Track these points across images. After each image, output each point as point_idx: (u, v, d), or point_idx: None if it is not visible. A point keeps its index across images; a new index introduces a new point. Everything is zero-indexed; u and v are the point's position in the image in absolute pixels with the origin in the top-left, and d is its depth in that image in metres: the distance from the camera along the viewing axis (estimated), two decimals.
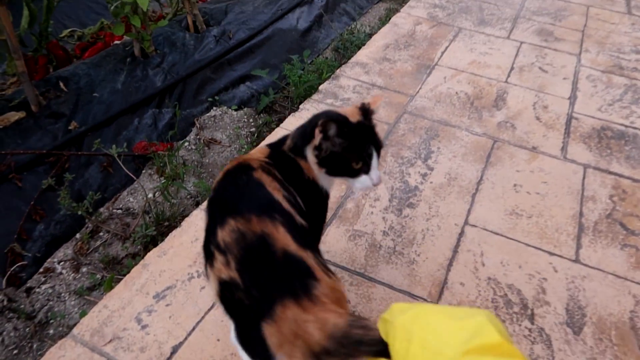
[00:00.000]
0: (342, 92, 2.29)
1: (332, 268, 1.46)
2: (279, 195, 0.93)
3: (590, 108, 2.32)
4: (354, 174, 1.01)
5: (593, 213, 1.75)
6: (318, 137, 0.98)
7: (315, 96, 2.25)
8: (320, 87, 2.32)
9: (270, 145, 1.12)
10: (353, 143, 0.99)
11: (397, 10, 3.15)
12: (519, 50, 2.76)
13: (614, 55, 2.78)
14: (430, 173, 1.87)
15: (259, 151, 1.09)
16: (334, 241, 1.56)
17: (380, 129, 2.05)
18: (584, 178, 1.90)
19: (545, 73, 2.56)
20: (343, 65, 2.51)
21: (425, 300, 1.41)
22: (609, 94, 2.43)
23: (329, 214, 1.66)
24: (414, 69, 2.52)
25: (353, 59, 2.57)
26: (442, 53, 2.67)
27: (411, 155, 1.95)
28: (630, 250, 1.62)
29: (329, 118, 0.96)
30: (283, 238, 0.84)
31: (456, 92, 2.35)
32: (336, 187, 1.77)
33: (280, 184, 0.96)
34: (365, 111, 1.05)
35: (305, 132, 1.03)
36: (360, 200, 1.72)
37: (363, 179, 1.02)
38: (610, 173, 1.94)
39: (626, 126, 2.21)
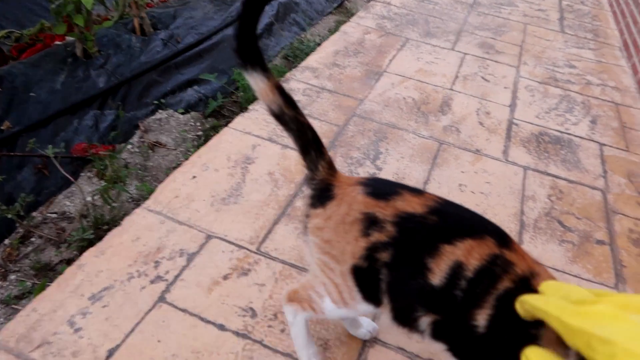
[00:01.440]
0: (292, 95, 2.28)
1: (280, 266, 1.44)
2: None
3: (529, 115, 2.42)
4: None
5: (533, 211, 1.81)
6: None
7: None
8: None
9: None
10: None
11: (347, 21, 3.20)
12: (462, 60, 2.86)
13: (549, 68, 2.94)
14: (378, 173, 1.88)
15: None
16: (282, 239, 1.54)
17: (329, 130, 2.06)
18: (524, 179, 1.97)
19: (488, 82, 2.67)
20: (293, 69, 2.51)
21: None
22: (545, 103, 2.55)
23: (277, 212, 1.63)
24: (363, 74, 2.55)
25: (303, 64, 2.58)
26: (390, 61, 2.73)
27: (360, 155, 1.96)
28: (567, 246, 1.69)
29: None
30: None
31: (404, 98, 2.40)
32: (286, 184, 1.75)
33: None
34: None
35: None
36: None
37: None
38: (548, 174, 2.02)
39: (561, 132, 2.33)
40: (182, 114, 2.30)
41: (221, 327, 1.27)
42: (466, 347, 0.87)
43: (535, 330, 0.71)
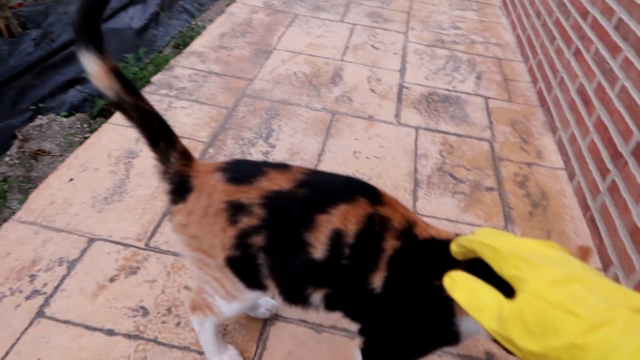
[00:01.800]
0: (177, 82, 2.18)
1: (172, 258, 1.37)
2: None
3: (418, 77, 2.48)
4: None
5: (426, 168, 1.86)
6: None
7: (147, 89, 2.12)
8: (153, 79, 2.18)
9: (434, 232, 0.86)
10: None
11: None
12: (352, 31, 2.87)
13: (435, 31, 3.03)
14: (272, 150, 1.84)
15: (423, 222, 0.86)
16: (170, 231, 1.46)
17: (219, 114, 1.99)
18: (416, 139, 2.02)
19: (377, 50, 2.70)
20: (177, 56, 2.40)
21: None
22: (433, 65, 2.63)
23: (165, 205, 1.55)
24: (252, 54, 2.49)
25: (188, 49, 2.47)
26: (280, 38, 2.68)
27: (252, 135, 1.91)
28: (459, 197, 1.75)
29: None
30: None
31: (294, 73, 2.37)
32: None
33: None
34: None
35: None
36: None
37: None
38: (439, 132, 2.09)
39: (449, 90, 2.41)
40: (66, 116, 2.12)
41: (110, 332, 1.18)
42: (364, 309, 0.87)
43: (438, 282, 0.64)
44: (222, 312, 0.99)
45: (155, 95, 2.07)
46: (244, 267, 0.87)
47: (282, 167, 0.86)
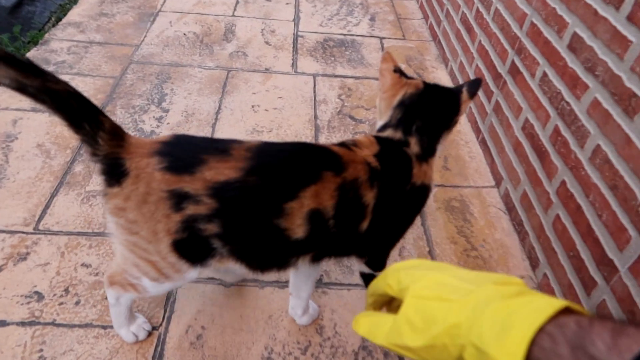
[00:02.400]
0: (55, 57, 2.01)
1: (66, 238, 1.29)
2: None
3: (313, 25, 2.46)
4: None
5: (326, 114, 1.86)
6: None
7: None
8: (28, 55, 2.00)
9: (380, 141, 0.91)
10: None
11: None
12: None
13: None
14: (166, 115, 1.77)
15: (367, 143, 0.90)
16: (63, 210, 1.38)
17: (105, 84, 1.87)
18: (314, 86, 2.01)
19: (269, 2, 2.63)
20: (53, 29, 2.21)
21: None
22: (327, 11, 2.60)
23: (54, 184, 1.45)
24: (136, 19, 2.34)
25: (64, 20, 2.28)
26: None
27: (143, 102, 1.82)
28: (360, 136, 1.77)
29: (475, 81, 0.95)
30: None
31: (184, 34, 2.26)
32: (61, 152, 1.56)
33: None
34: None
35: (442, 112, 0.96)
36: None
37: None
38: (336, 76, 2.09)
39: (344, 35, 2.40)
40: None
41: (2, 324, 1.11)
42: (356, 245, 0.92)
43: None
44: (148, 291, 0.93)
45: None
46: (191, 248, 0.81)
47: (221, 152, 0.78)
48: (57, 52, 2.05)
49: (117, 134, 0.78)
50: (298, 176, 0.79)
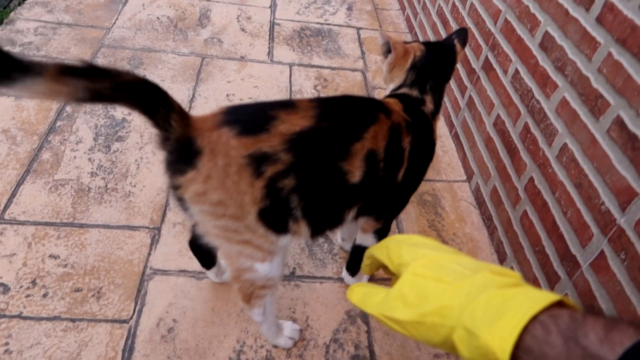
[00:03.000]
0: (21, 37, 1.94)
1: (33, 228, 1.26)
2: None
3: (290, 13, 2.43)
4: None
5: None
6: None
7: None
8: None
9: (401, 98, 0.99)
10: None
11: None
12: None
13: None
14: None
15: (394, 101, 0.97)
16: (30, 199, 1.34)
17: None
18: (290, 75, 2.00)
19: None
20: (18, 7, 2.13)
21: (147, 227, 1.32)
22: None
23: (20, 172, 1.41)
24: (107, 0, 2.27)
25: None
26: None
27: None
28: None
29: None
30: None
31: (157, 17, 2.21)
32: (27, 139, 1.51)
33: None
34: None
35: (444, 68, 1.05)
36: (59, 147, 1.51)
37: None
38: (312, 66, 2.08)
39: (321, 24, 2.39)
40: None
41: None
42: (389, 199, 0.99)
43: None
44: (270, 278, 0.91)
45: None
46: (274, 214, 0.81)
47: (288, 105, 0.81)
48: (23, 32, 1.98)
49: (184, 114, 0.76)
50: (362, 118, 0.86)
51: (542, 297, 0.42)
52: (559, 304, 0.42)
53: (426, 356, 1.14)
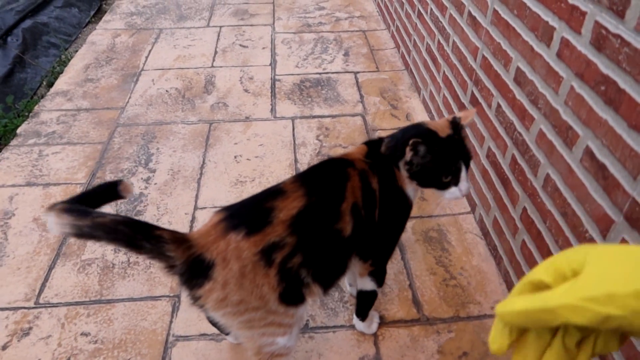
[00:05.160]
0: (45, 128, 2.13)
1: (65, 309, 1.37)
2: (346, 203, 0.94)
3: (289, 67, 2.56)
4: (443, 186, 1.01)
5: (305, 156, 1.95)
6: (409, 154, 0.97)
7: (14, 142, 2.05)
8: (19, 130, 2.12)
9: (368, 144, 1.08)
10: (443, 158, 0.98)
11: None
12: (219, 34, 2.90)
13: (301, 16, 3.11)
14: (153, 176, 1.86)
15: (358, 150, 1.06)
16: (62, 281, 1.46)
17: (94, 151, 1.97)
18: (293, 129, 2.10)
19: (246, 48, 2.74)
20: (42, 100, 2.33)
21: (168, 296, 1.41)
22: (302, 51, 2.71)
23: (51, 256, 1.54)
24: (120, 81, 2.46)
25: (52, 90, 2.40)
26: (147, 57, 2.66)
27: (131, 165, 1.91)
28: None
29: (418, 136, 0.96)
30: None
31: (166, 90, 2.37)
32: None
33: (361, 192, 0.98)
34: (455, 125, 1.03)
35: (396, 148, 1.02)
36: None
37: (452, 191, 1.01)
38: (314, 117, 2.18)
39: (320, 73, 2.50)
40: None
41: None
42: (373, 241, 1.06)
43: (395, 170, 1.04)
44: (288, 347, 0.99)
45: (23, 147, 2.01)
46: (291, 292, 0.90)
47: (278, 192, 0.91)
48: (47, 123, 2.16)
49: (180, 239, 0.82)
50: (337, 181, 0.95)
51: None
52: None
53: None
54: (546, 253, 1.19)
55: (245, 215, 0.87)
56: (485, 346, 1.28)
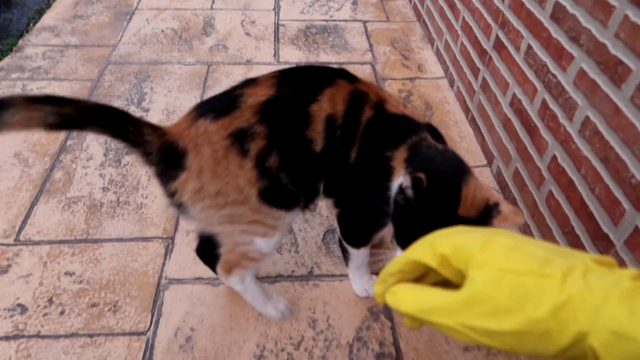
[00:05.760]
0: (29, 63, 1.97)
1: (47, 247, 1.26)
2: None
3: (294, 13, 2.40)
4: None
5: None
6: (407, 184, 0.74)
7: None
8: (1, 64, 1.95)
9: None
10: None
11: None
12: None
13: None
14: (146, 114, 1.73)
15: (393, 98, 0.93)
16: (44, 218, 1.34)
17: (83, 88, 1.83)
18: None
19: None
20: (26, 35, 2.16)
21: (160, 237, 1.30)
22: None
23: (33, 193, 1.41)
24: (112, 19, 2.29)
25: (38, 25, 2.23)
26: None
27: (123, 103, 1.77)
28: None
29: (432, 175, 0.74)
30: None
31: (162, 30, 2.21)
32: (39, 160, 1.51)
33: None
34: (488, 211, 0.75)
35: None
36: (70, 166, 1.51)
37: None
38: (320, 63, 2.04)
39: (327, 21, 2.35)
40: None
41: None
42: (342, 184, 0.92)
43: (390, 152, 0.85)
44: (264, 253, 0.95)
45: (5, 82, 1.85)
46: (276, 193, 0.85)
47: (251, 81, 0.85)
48: (31, 58, 2.00)
49: (155, 127, 0.81)
50: (316, 81, 0.84)
51: None
52: None
53: (455, 350, 1.08)
54: (578, 203, 1.09)
55: (213, 103, 0.84)
56: None
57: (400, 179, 0.81)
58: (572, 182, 1.12)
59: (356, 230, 1.04)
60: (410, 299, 0.43)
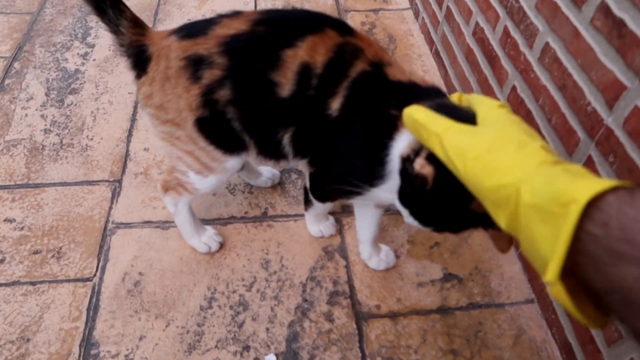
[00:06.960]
0: None
1: None
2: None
3: None
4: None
5: None
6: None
7: None
8: None
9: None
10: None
11: None
12: None
13: None
14: (91, 51, 1.61)
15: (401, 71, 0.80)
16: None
17: (21, 22, 1.69)
18: (255, 6, 1.85)
19: None
20: None
21: (107, 181, 1.24)
22: None
23: None
24: None
25: None
26: None
27: (65, 39, 1.65)
28: None
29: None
30: None
31: None
32: None
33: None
34: None
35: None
36: (9, 107, 1.41)
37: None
38: None
39: None
40: None
41: None
42: (318, 138, 0.83)
43: (396, 112, 0.70)
44: (197, 189, 0.95)
45: None
46: (216, 128, 0.83)
47: (236, 13, 0.80)
48: None
49: (138, 24, 0.82)
50: (300, 26, 0.78)
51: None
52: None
53: (409, 286, 1.08)
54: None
55: (192, 25, 0.82)
56: (457, 237, 1.19)
57: (405, 136, 0.70)
58: (530, 113, 1.08)
59: (328, 189, 0.95)
60: (424, 112, 0.56)
